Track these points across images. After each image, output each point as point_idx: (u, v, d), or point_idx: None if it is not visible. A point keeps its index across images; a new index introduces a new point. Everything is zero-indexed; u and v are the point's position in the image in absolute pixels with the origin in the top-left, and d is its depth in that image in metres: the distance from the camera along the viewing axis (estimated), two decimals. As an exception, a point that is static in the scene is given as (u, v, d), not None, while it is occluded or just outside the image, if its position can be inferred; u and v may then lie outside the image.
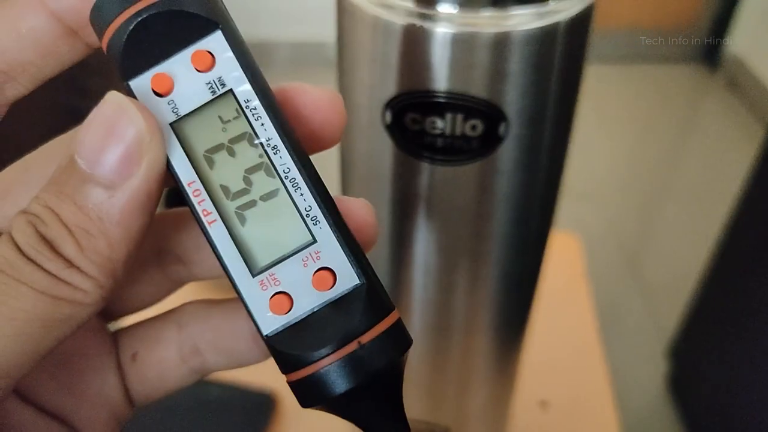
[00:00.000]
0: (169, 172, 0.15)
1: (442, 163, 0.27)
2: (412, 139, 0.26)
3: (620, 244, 1.62)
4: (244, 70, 0.15)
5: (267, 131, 0.15)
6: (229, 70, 0.15)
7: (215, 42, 0.15)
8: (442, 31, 0.23)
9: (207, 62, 0.15)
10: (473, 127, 0.25)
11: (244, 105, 0.15)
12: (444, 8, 0.23)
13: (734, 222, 1.02)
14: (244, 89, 0.15)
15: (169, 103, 0.15)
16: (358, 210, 0.17)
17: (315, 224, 0.16)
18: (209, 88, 0.15)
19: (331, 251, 0.16)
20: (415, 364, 0.35)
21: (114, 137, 0.14)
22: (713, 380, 1.05)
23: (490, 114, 0.25)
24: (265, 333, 0.16)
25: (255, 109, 0.15)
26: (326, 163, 0.23)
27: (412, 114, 0.25)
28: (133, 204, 0.14)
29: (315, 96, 0.17)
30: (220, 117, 0.15)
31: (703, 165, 1.91)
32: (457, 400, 0.38)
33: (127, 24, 0.14)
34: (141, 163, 0.14)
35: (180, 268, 0.20)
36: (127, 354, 0.20)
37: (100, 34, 0.15)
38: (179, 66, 0.15)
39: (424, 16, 0.23)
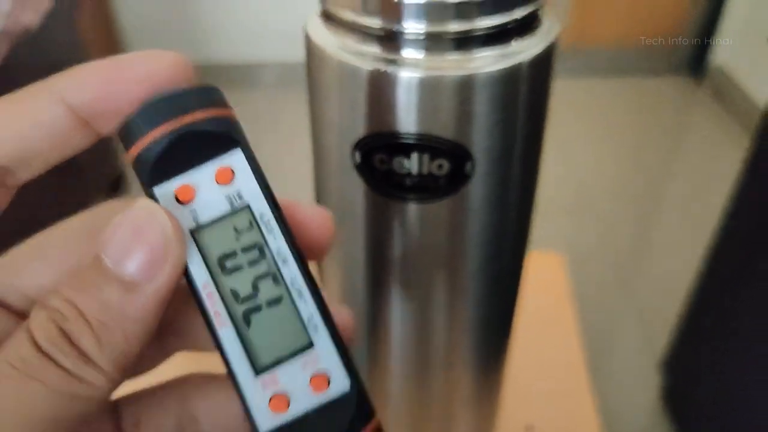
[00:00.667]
0: (184, 274, 0.16)
1: (412, 202, 0.27)
2: (381, 178, 0.26)
3: (611, 258, 1.63)
4: (260, 186, 0.17)
5: (277, 242, 0.17)
6: (247, 185, 0.17)
7: (236, 159, 0.17)
8: (407, 76, 0.24)
9: (228, 177, 0.17)
10: (440, 167, 0.26)
11: (258, 217, 0.17)
12: (409, 53, 0.24)
13: (721, 234, 1.02)
14: (259, 203, 0.17)
15: (190, 211, 0.16)
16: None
17: (315, 330, 0.17)
18: (228, 201, 0.17)
19: (327, 356, 0.17)
20: (397, 399, 0.36)
21: (141, 240, 0.15)
22: (707, 392, 1.05)
23: (456, 153, 0.25)
24: (262, 431, 0.17)
25: (268, 222, 0.17)
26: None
27: (380, 155, 0.26)
28: (154, 303, 0.15)
29: (308, 212, 0.18)
30: (235, 227, 0.17)
31: (693, 175, 1.92)
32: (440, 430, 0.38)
33: (159, 140, 0.16)
34: (165, 266, 0.15)
35: (174, 340, 0.21)
36: (129, 421, 0.20)
37: (128, 145, 0.16)
38: (202, 178, 0.17)
39: (389, 61, 0.24)
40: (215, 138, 0.16)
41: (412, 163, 0.26)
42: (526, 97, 0.26)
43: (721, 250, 1.03)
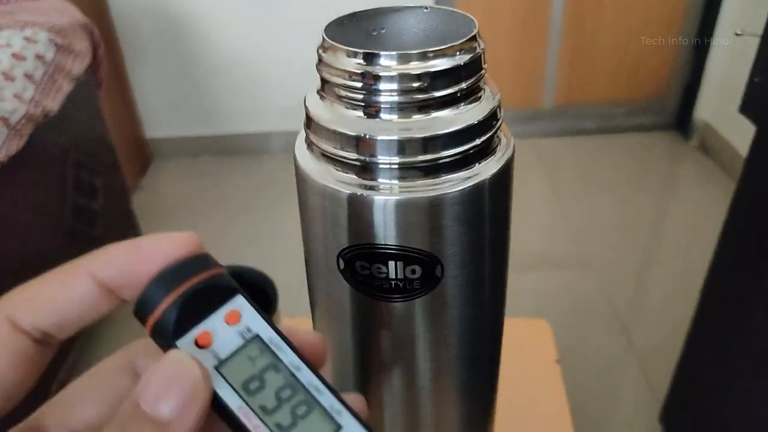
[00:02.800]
0: (218, 403, 0.19)
1: (392, 300, 0.30)
2: (363, 281, 0.30)
3: (612, 309, 1.65)
4: (263, 318, 0.21)
5: (288, 356, 0.21)
6: (253, 319, 0.21)
7: (239, 302, 0.21)
8: (382, 199, 0.28)
9: (236, 317, 0.21)
10: (413, 271, 0.29)
11: (268, 341, 0.21)
12: (383, 180, 0.28)
13: (710, 280, 1.05)
14: (266, 331, 0.21)
15: (211, 352, 0.20)
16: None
17: (338, 414, 0.20)
18: (240, 336, 0.20)
19: (352, 429, 0.20)
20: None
21: (173, 386, 0.18)
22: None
23: (427, 260, 0.29)
24: None
25: (277, 343, 0.21)
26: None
27: (360, 262, 0.29)
28: None
29: (306, 338, 0.22)
30: (250, 355, 0.20)
31: (685, 223, 1.96)
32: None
33: (173, 304, 0.20)
34: (194, 406, 0.18)
35: None
36: None
37: (145, 318, 0.20)
38: (215, 323, 0.20)
39: (366, 187, 0.28)
40: (219, 290, 0.20)
41: (390, 269, 0.29)
42: (489, 208, 0.30)
43: (710, 298, 1.06)
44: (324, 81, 0.28)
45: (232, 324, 0.20)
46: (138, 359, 0.22)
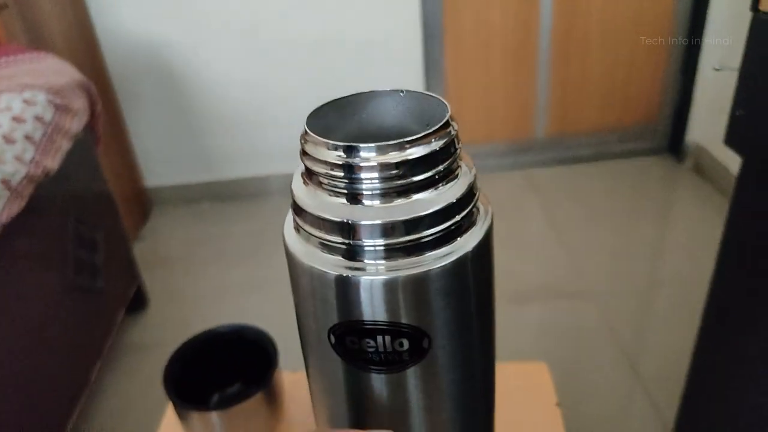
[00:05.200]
0: None
1: (382, 372, 0.32)
2: (353, 355, 0.31)
3: (615, 338, 1.65)
4: None
5: None
6: None
7: None
8: (369, 279, 0.29)
9: None
10: (401, 344, 0.30)
11: None
12: (369, 261, 0.29)
13: (710, 303, 1.06)
14: None
15: None
16: None
17: None
18: None
19: None
20: None
21: None
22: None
23: (414, 334, 0.30)
24: None
25: None
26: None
27: (350, 337, 0.31)
28: None
29: None
30: None
31: (683, 245, 1.97)
32: None
33: None
34: None
35: None
36: None
37: None
38: None
39: (352, 269, 0.29)
40: None
41: (378, 343, 0.30)
42: (472, 278, 0.31)
43: (711, 320, 1.07)
44: (308, 169, 0.30)
45: None
46: None
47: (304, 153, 0.30)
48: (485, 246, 0.32)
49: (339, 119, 0.32)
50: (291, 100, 1.83)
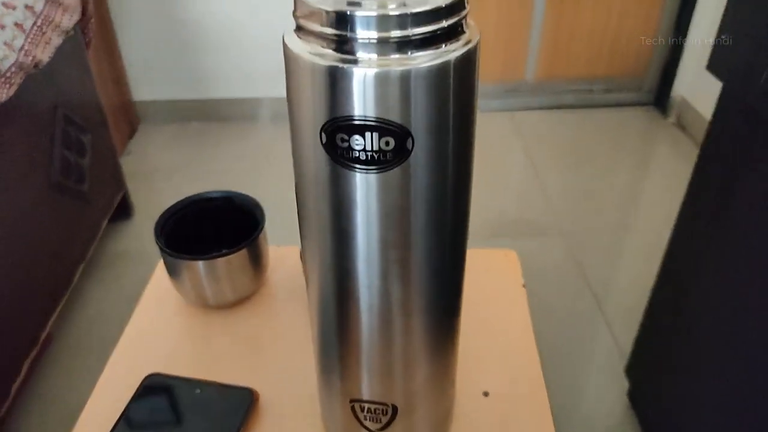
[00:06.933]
0: None
1: (367, 172, 0.34)
2: (342, 154, 0.34)
3: (585, 275, 1.71)
4: None
5: None
6: None
7: None
8: (362, 71, 0.31)
9: None
10: (387, 143, 0.33)
11: None
12: (361, 54, 0.32)
13: (672, 245, 1.11)
14: None
15: None
16: None
17: None
18: None
19: None
20: (363, 346, 0.43)
21: None
22: (666, 393, 1.12)
23: (399, 133, 0.33)
24: None
25: None
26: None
27: (340, 134, 0.33)
28: None
29: None
30: None
31: (657, 198, 2.02)
32: (403, 379, 0.45)
33: None
34: None
35: None
36: None
37: None
38: None
39: (346, 61, 0.32)
40: None
41: (366, 141, 0.33)
42: (455, 85, 0.34)
43: (672, 261, 1.12)
44: (310, -34, 0.32)
45: None
46: None
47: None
48: (468, 62, 0.34)
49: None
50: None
